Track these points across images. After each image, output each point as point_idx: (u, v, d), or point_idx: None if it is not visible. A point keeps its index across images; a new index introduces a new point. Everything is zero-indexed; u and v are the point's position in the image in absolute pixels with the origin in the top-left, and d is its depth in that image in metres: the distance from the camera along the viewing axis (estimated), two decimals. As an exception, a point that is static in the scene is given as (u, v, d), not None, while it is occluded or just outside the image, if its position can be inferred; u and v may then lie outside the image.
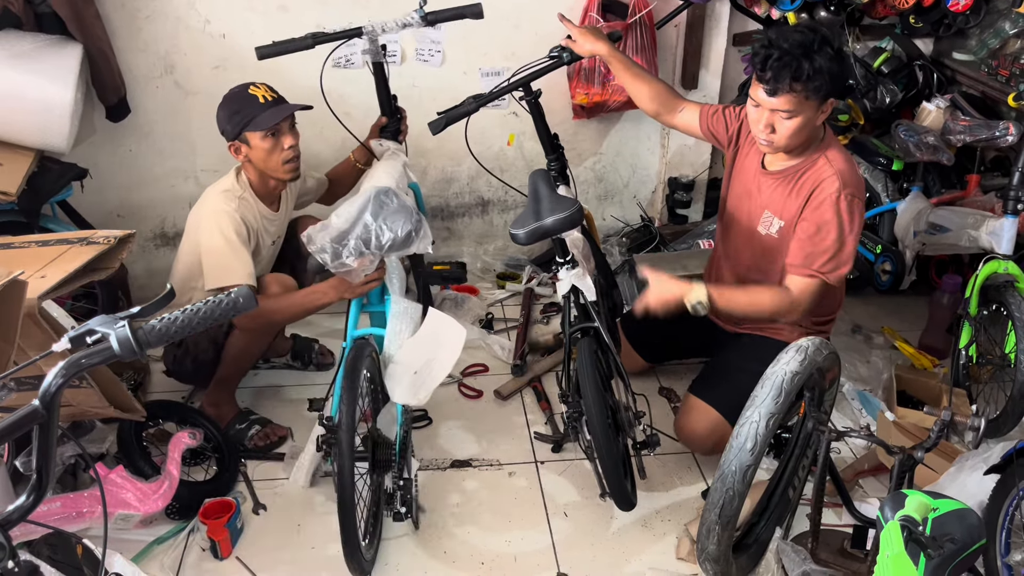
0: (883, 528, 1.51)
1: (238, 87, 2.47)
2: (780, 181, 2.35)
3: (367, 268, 2.19)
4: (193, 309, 1.11)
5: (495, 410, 2.86)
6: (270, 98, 2.45)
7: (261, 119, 2.42)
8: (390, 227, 2.10)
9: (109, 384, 2.07)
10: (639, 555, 2.28)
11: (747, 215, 2.46)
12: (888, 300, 3.46)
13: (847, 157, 2.30)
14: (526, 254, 3.70)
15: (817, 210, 2.25)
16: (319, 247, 2.08)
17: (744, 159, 2.46)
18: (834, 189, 2.23)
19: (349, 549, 1.98)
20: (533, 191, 2.23)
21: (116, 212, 3.34)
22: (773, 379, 1.95)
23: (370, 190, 2.17)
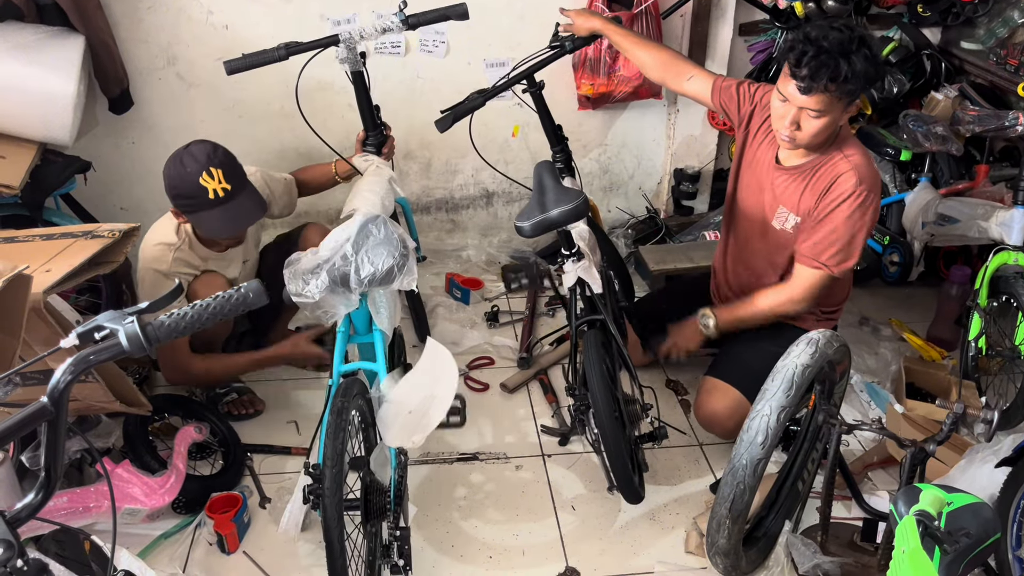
0: (898, 523, 1.50)
1: (188, 165, 2.23)
2: (796, 176, 2.32)
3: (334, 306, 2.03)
4: (202, 305, 1.09)
5: (501, 403, 2.84)
6: (221, 193, 2.25)
7: (207, 225, 2.30)
8: (371, 260, 1.97)
9: (115, 378, 2.05)
10: (648, 548, 2.27)
11: (759, 208, 2.44)
12: (896, 292, 3.44)
13: (864, 151, 2.29)
14: (531, 246, 3.68)
15: (832, 204, 2.25)
16: (290, 274, 1.97)
17: (756, 149, 2.43)
18: (851, 185, 2.22)
19: None
20: (538, 183, 2.21)
21: (119, 205, 3.33)
22: (784, 372, 1.93)
23: (359, 219, 2.06)
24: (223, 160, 2.28)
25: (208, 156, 2.25)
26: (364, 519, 1.96)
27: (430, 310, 3.26)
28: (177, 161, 2.26)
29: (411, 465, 2.52)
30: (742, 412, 2.36)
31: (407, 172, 3.54)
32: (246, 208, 2.32)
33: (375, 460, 2.05)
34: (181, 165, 2.25)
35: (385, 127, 2.76)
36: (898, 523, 1.50)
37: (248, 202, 2.33)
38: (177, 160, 2.26)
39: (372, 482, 1.99)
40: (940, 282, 3.23)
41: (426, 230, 3.67)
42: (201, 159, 2.24)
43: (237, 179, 2.30)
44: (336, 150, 2.88)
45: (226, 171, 2.27)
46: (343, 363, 2.14)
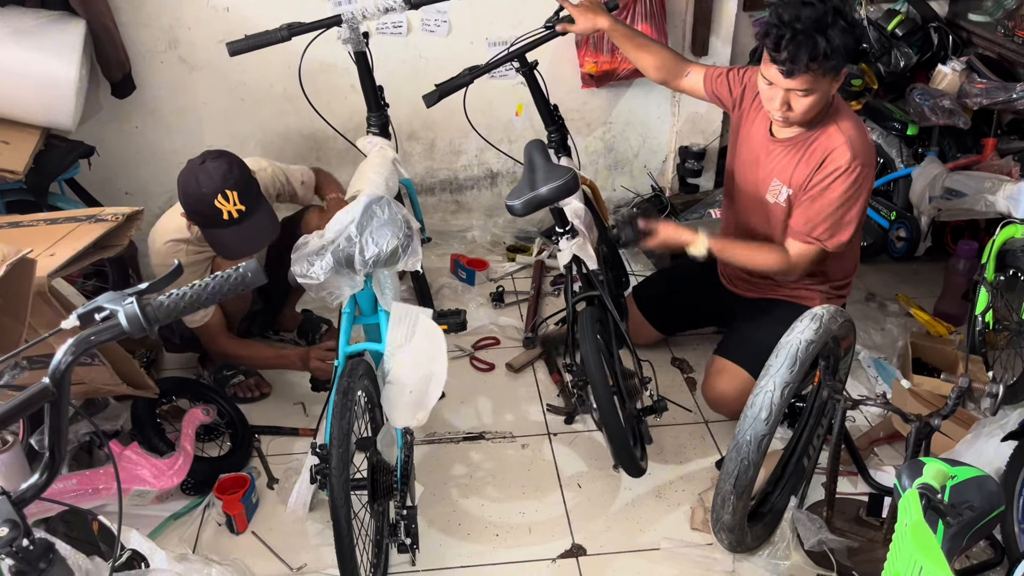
0: (901, 497, 1.50)
1: (204, 184, 2.20)
2: (789, 148, 2.31)
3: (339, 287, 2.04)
4: (201, 285, 1.09)
5: (507, 383, 2.85)
6: (236, 214, 2.22)
7: (219, 245, 2.29)
8: (375, 241, 1.97)
9: (121, 361, 2.06)
10: (653, 525, 2.28)
11: (754, 183, 2.43)
12: (903, 267, 3.42)
13: (858, 124, 2.27)
14: (536, 225, 3.67)
15: (825, 179, 2.24)
16: (297, 256, 1.98)
17: (751, 126, 2.42)
18: (845, 160, 2.21)
19: None
20: (528, 161, 2.21)
21: (124, 189, 3.33)
22: (788, 348, 1.93)
23: (363, 200, 2.06)
24: (239, 180, 2.24)
25: (224, 176, 2.21)
26: (371, 499, 1.97)
27: (435, 291, 3.26)
28: (192, 178, 2.23)
29: (417, 445, 2.53)
30: (749, 390, 2.39)
31: (411, 153, 3.53)
32: (259, 229, 2.30)
33: (382, 440, 2.07)
34: (196, 184, 2.22)
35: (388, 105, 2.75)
36: (901, 495, 1.50)
37: (262, 222, 2.30)
38: (192, 177, 2.23)
39: (379, 462, 2.00)
40: (947, 257, 3.21)
41: (431, 211, 3.66)
42: (216, 179, 2.20)
43: (252, 199, 2.27)
44: (340, 131, 2.89)
45: (241, 192, 2.23)
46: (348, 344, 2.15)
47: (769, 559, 2.14)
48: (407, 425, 2.06)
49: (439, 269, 3.44)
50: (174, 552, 2.10)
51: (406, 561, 2.15)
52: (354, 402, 1.88)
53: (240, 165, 2.28)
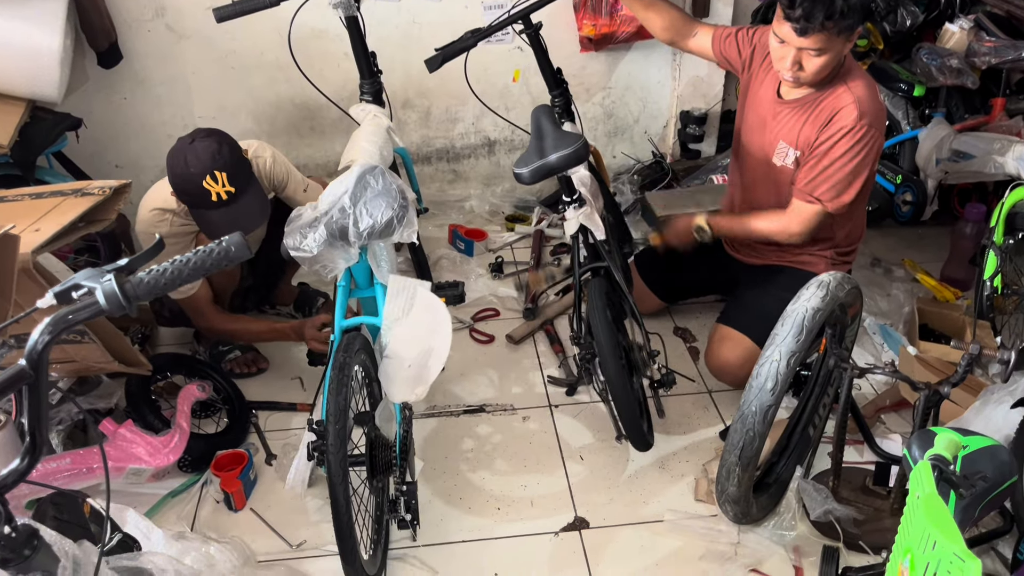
0: (911, 468, 1.46)
1: (192, 164, 2.13)
2: (796, 109, 2.26)
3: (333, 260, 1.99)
4: (183, 260, 1.04)
5: (507, 355, 2.81)
6: (224, 196, 2.16)
7: (206, 226, 2.22)
8: (370, 212, 1.92)
9: (112, 338, 2.02)
10: (657, 497, 2.25)
11: (761, 146, 2.37)
12: (909, 231, 3.37)
13: (868, 83, 2.20)
14: (535, 195, 3.61)
15: (831, 139, 2.18)
16: (290, 228, 1.93)
17: (759, 88, 2.36)
18: (852, 119, 2.15)
19: (349, 567, 1.79)
20: (536, 128, 2.14)
21: (114, 162, 3.27)
22: (794, 316, 1.88)
23: (356, 170, 2.00)
24: (228, 161, 2.17)
25: (213, 157, 2.14)
26: (369, 475, 1.94)
27: (433, 263, 3.21)
28: (181, 157, 2.16)
29: (417, 419, 2.50)
30: (754, 361, 2.34)
31: (406, 122, 3.46)
32: (249, 211, 2.23)
33: (380, 415, 2.03)
34: (184, 164, 2.15)
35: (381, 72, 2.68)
36: (912, 468, 1.46)
37: (251, 205, 2.23)
38: (181, 156, 2.16)
39: (377, 437, 1.97)
40: (954, 221, 3.16)
41: (427, 181, 3.60)
42: (205, 160, 2.14)
43: (242, 180, 2.20)
44: (333, 100, 2.82)
45: (231, 173, 2.16)
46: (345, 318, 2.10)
47: (775, 530, 2.11)
48: (405, 400, 2.02)
49: (437, 240, 3.39)
50: (172, 530, 2.08)
51: (407, 536, 2.13)
52: (350, 377, 1.84)
53: (231, 145, 2.21)
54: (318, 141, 3.42)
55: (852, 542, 2.07)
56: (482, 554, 2.10)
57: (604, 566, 2.06)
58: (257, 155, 2.44)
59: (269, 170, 2.47)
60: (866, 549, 2.06)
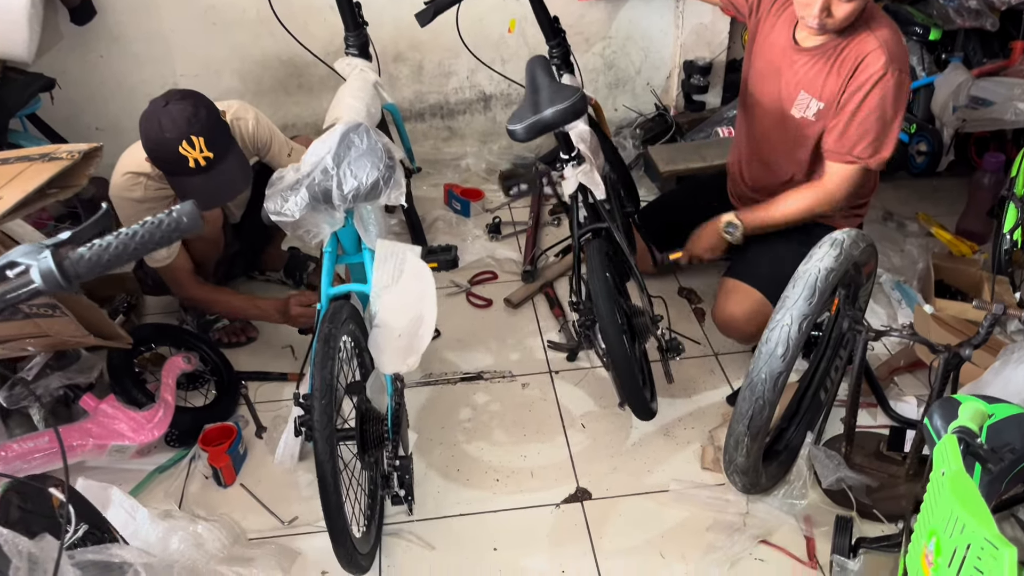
0: (932, 439, 1.36)
1: (167, 129, 1.99)
2: (818, 58, 2.12)
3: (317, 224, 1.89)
4: (129, 233, 0.93)
5: (505, 319, 2.71)
6: (203, 162, 2.02)
7: (186, 195, 2.08)
8: (354, 174, 1.81)
9: (87, 311, 1.92)
10: (661, 466, 2.17)
11: (775, 95, 2.23)
12: (923, 183, 3.24)
13: (891, 26, 2.07)
14: (533, 151, 3.48)
15: (861, 89, 2.05)
16: (271, 191, 1.83)
17: (770, 32, 2.22)
18: (880, 65, 2.02)
19: (339, 547, 1.72)
20: (531, 81, 2.01)
21: (94, 125, 3.14)
22: (806, 277, 1.77)
23: (340, 128, 1.88)
24: (205, 124, 2.02)
25: (188, 121, 2.00)
26: (360, 449, 1.85)
27: (428, 224, 3.09)
28: (154, 121, 2.02)
29: (412, 387, 2.41)
30: (763, 315, 2.25)
31: (397, 77, 3.31)
32: (229, 178, 2.10)
33: (371, 387, 1.94)
34: (159, 129, 2.01)
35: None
36: (934, 440, 1.36)
37: (232, 170, 2.10)
38: (154, 120, 2.02)
39: (368, 410, 1.88)
40: (971, 171, 3.04)
41: (421, 139, 3.46)
42: (181, 124, 1.99)
43: (221, 145, 2.06)
44: (318, 55, 2.68)
45: (209, 138, 2.02)
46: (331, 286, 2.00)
47: (785, 499, 2.03)
48: (397, 371, 1.92)
49: (432, 200, 3.27)
50: (158, 508, 2.01)
51: (402, 511, 2.05)
52: (337, 349, 1.75)
53: (208, 107, 2.07)
54: (306, 99, 3.29)
55: (866, 511, 1.99)
56: (480, 528, 2.02)
57: (607, 539, 1.98)
58: (238, 116, 2.31)
59: (252, 132, 2.35)
60: (880, 518, 1.98)
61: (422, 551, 1.97)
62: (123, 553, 1.20)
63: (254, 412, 2.32)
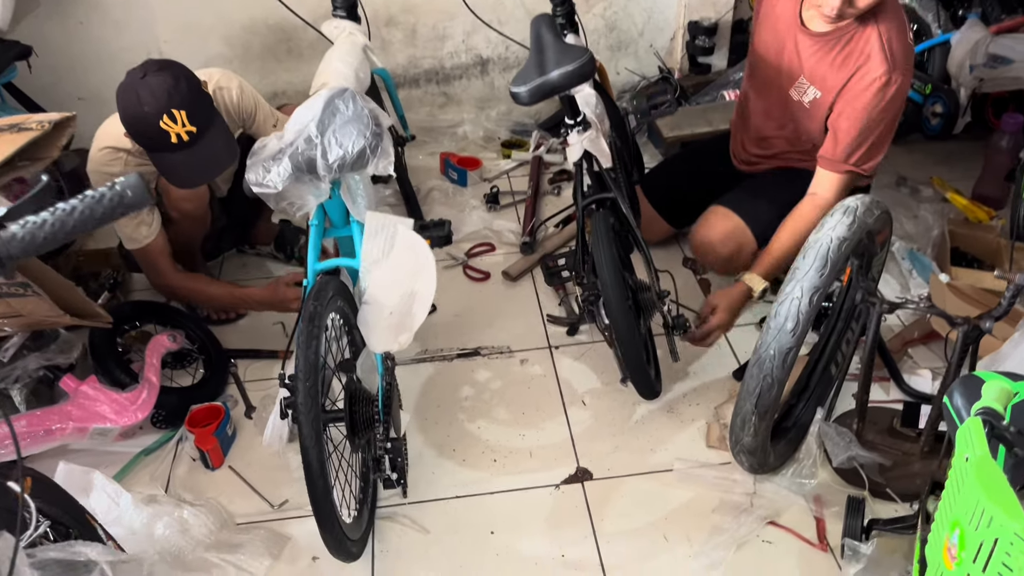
0: (952, 418, 1.27)
1: (146, 103, 1.88)
2: (822, 46, 2.05)
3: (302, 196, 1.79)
4: (66, 209, 0.84)
5: (504, 293, 2.62)
6: (185, 137, 1.92)
7: (168, 172, 1.99)
8: (339, 142, 1.72)
9: (62, 289, 1.84)
10: (665, 444, 2.09)
11: (778, 73, 2.18)
12: (938, 147, 3.12)
13: (900, 25, 2.00)
14: (533, 117, 3.37)
15: (860, 96, 1.99)
16: (252, 161, 1.73)
17: (777, 1, 2.13)
18: (881, 72, 1.96)
19: (327, 534, 1.64)
20: (536, 40, 1.90)
21: (75, 94, 3.03)
22: (816, 248, 1.67)
23: (325, 94, 1.78)
24: (186, 97, 1.91)
25: (169, 94, 1.89)
26: (350, 432, 1.77)
27: (423, 195, 2.99)
28: (132, 95, 1.90)
29: (408, 364, 2.33)
30: (738, 239, 2.30)
31: (390, 41, 3.19)
32: (213, 152, 1.99)
33: (362, 366, 1.86)
34: (138, 102, 1.89)
35: None
36: (955, 422, 1.26)
37: (216, 145, 1.99)
38: (132, 93, 1.90)
39: (358, 391, 1.80)
40: (988, 133, 2.92)
41: (416, 105, 3.35)
42: (161, 98, 1.88)
43: (204, 118, 1.96)
44: (306, 19, 2.57)
45: (191, 111, 1.92)
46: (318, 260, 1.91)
47: (794, 478, 1.94)
48: (387, 350, 1.84)
49: (428, 170, 3.16)
50: (142, 493, 1.95)
51: (397, 493, 1.98)
52: (322, 329, 1.66)
53: (189, 79, 1.96)
54: (296, 65, 3.17)
55: (878, 490, 1.91)
56: (477, 510, 1.94)
57: (609, 521, 1.91)
58: (221, 86, 2.20)
59: (236, 102, 2.24)
60: (894, 497, 1.90)
61: (417, 535, 1.90)
62: (87, 551, 1.13)
63: (243, 391, 2.24)
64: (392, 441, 1.83)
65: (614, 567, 1.81)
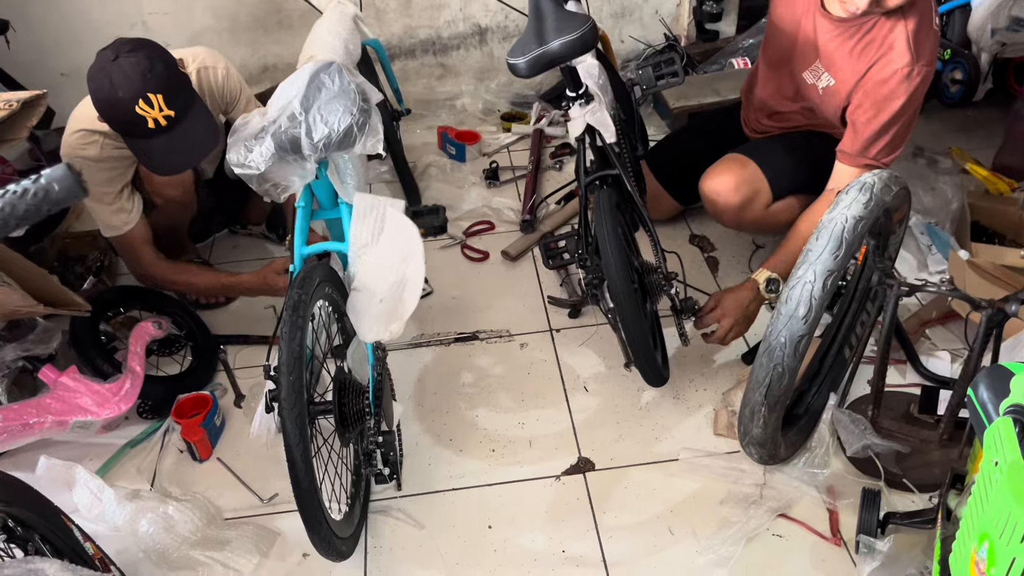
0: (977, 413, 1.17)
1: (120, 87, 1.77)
2: (842, 32, 1.94)
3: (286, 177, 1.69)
4: (-15, 205, 0.75)
5: (503, 273, 2.52)
6: (163, 121, 1.82)
7: (147, 158, 1.89)
8: (325, 119, 1.62)
9: (35, 278, 1.76)
10: (671, 432, 2.00)
11: (792, 53, 2.07)
12: (956, 115, 3.00)
13: (927, 12, 1.88)
14: (534, 89, 3.25)
15: (880, 88, 1.89)
16: (233, 140, 1.64)
17: None
18: (904, 64, 1.85)
19: (314, 534, 1.55)
20: (535, 8, 1.79)
21: (59, 71, 2.92)
22: (831, 227, 1.57)
23: (310, 68, 1.67)
24: (162, 79, 1.81)
25: (143, 76, 1.78)
26: (339, 425, 1.69)
27: (420, 171, 2.88)
28: (104, 80, 1.79)
29: (403, 349, 2.25)
30: (754, 186, 2.16)
31: (384, 10, 3.07)
32: (194, 136, 1.89)
33: (352, 356, 1.78)
34: (111, 87, 1.78)
35: None
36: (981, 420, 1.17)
37: (197, 128, 1.89)
38: (104, 77, 1.79)
39: (347, 382, 1.71)
40: (1010, 101, 2.81)
41: (412, 78, 3.23)
42: (135, 81, 1.78)
43: (182, 101, 1.86)
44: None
45: (168, 94, 1.82)
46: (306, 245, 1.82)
47: (806, 468, 1.86)
48: (378, 339, 1.75)
49: (425, 145, 3.05)
50: (126, 488, 1.88)
51: (391, 486, 1.90)
52: (307, 318, 1.57)
53: (164, 59, 1.85)
54: (287, 37, 3.05)
55: (895, 480, 1.82)
56: (474, 503, 1.87)
57: (611, 514, 1.83)
58: (205, 65, 2.08)
59: (220, 84, 2.11)
60: (911, 488, 1.81)
61: (411, 530, 1.82)
62: (45, 567, 1.05)
63: (233, 379, 2.17)
64: (384, 435, 1.75)
65: (617, 563, 1.73)
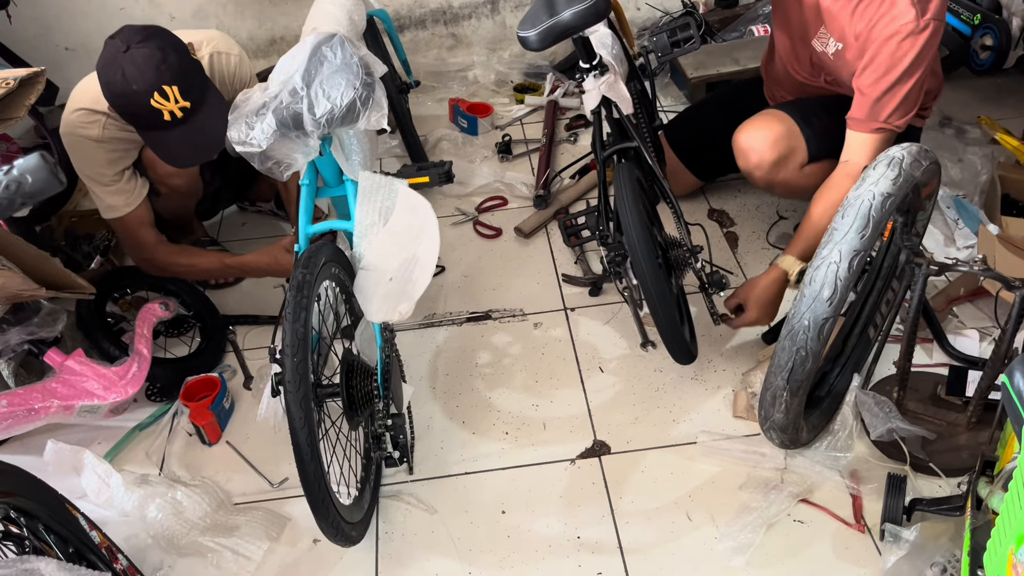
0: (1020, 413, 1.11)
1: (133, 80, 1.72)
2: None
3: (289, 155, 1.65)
4: (-45, 198, 0.70)
5: (516, 250, 2.46)
6: (179, 113, 1.78)
7: (163, 151, 1.84)
8: (327, 94, 1.56)
9: (36, 261, 1.72)
10: (689, 415, 1.95)
11: (800, 18, 1.99)
12: (986, 83, 2.89)
13: None
14: (548, 59, 3.16)
15: (885, 45, 1.77)
16: (234, 117, 1.59)
17: None
18: (909, 19, 1.74)
19: (321, 519, 1.53)
20: None
21: (63, 45, 2.87)
22: (857, 205, 1.50)
23: (311, 41, 1.62)
24: (177, 69, 1.76)
25: (157, 68, 1.73)
26: (347, 408, 1.65)
27: (431, 146, 2.82)
28: (116, 72, 1.73)
29: (413, 330, 2.21)
30: (790, 143, 2.07)
31: (393, -21, 3.00)
32: (210, 127, 1.81)
33: (360, 337, 1.73)
34: (124, 80, 1.72)
35: None
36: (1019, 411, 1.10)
37: (212, 117, 1.82)
38: (116, 71, 1.73)
39: (355, 364, 1.67)
40: (1043, 68, 2.68)
41: (422, 48, 3.16)
42: (149, 73, 1.73)
43: (197, 90, 1.81)
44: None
45: (183, 85, 1.77)
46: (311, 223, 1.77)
47: (828, 452, 1.80)
48: (386, 320, 1.70)
49: (436, 118, 2.99)
50: (135, 473, 1.85)
51: (403, 470, 1.87)
52: (311, 299, 1.52)
53: (176, 48, 1.78)
54: (294, 8, 2.99)
55: (921, 464, 1.76)
56: (487, 488, 1.83)
57: (628, 498, 1.78)
58: (219, 50, 2.01)
59: (233, 71, 2.04)
60: (938, 472, 1.75)
61: (423, 515, 1.79)
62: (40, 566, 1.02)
63: (242, 361, 2.13)
64: (393, 417, 1.71)
65: (633, 550, 1.69)
